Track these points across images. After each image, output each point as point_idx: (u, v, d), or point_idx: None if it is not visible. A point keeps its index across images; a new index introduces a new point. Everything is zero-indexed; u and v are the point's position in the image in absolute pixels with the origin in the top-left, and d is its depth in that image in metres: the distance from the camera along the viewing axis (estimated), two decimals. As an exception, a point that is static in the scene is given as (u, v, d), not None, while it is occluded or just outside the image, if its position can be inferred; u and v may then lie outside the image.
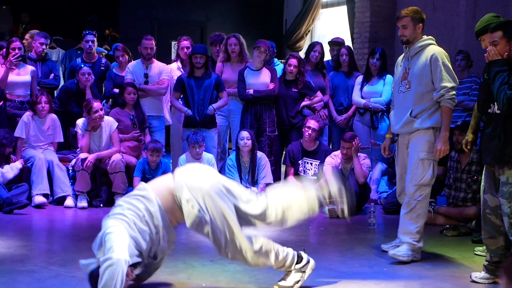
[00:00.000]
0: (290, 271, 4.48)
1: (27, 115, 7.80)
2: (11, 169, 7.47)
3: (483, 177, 4.79)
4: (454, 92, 5.24)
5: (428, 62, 5.27)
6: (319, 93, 8.36)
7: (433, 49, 5.34)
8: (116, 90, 8.27)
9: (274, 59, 9.04)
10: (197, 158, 7.53)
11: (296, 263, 4.48)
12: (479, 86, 5.16)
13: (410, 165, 5.33)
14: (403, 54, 5.61)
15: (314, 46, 8.73)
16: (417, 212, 5.30)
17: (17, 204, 7.03)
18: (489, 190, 4.67)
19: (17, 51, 8.07)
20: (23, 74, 8.16)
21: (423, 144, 5.27)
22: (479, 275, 4.69)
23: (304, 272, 4.49)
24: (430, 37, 5.45)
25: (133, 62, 8.50)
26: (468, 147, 5.55)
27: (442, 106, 5.23)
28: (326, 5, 12.81)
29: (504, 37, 4.54)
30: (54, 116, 7.96)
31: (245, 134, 7.65)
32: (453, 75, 5.28)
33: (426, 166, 5.26)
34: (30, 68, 8.27)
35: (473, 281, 4.66)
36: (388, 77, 8.42)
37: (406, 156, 5.44)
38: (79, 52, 9.93)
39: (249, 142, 7.59)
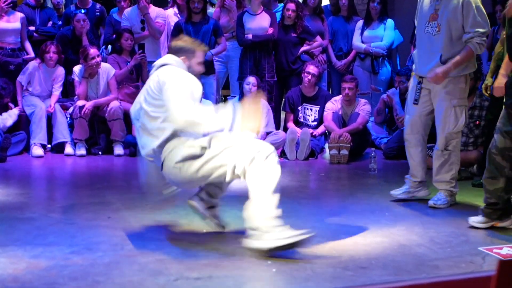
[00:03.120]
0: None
1: (33, 63, 7.72)
2: (10, 116, 7.45)
3: (500, 117, 4.66)
4: (485, 38, 4.98)
5: (460, 6, 4.95)
6: (318, 38, 8.24)
7: None
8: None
9: (278, 3, 8.84)
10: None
11: None
12: (507, 36, 4.91)
13: (441, 113, 5.13)
14: None
15: (312, -10, 8.57)
16: (451, 161, 5.21)
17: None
18: (500, 131, 4.56)
19: (7, -4, 7.91)
20: (13, 21, 8.02)
21: (455, 92, 5.08)
22: (476, 219, 4.62)
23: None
24: None
25: (129, 9, 8.35)
26: (488, 92, 5.45)
27: (467, 47, 4.97)
28: None
29: None
30: (62, 70, 7.84)
31: (252, 79, 7.50)
32: (486, 19, 4.98)
33: (458, 113, 5.11)
34: (19, 15, 8.11)
35: (472, 227, 4.61)
36: (389, 21, 8.30)
37: (428, 100, 5.21)
38: (72, -2, 9.78)
39: (255, 88, 7.44)
